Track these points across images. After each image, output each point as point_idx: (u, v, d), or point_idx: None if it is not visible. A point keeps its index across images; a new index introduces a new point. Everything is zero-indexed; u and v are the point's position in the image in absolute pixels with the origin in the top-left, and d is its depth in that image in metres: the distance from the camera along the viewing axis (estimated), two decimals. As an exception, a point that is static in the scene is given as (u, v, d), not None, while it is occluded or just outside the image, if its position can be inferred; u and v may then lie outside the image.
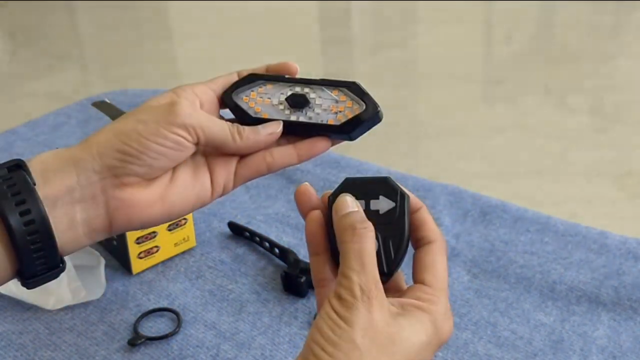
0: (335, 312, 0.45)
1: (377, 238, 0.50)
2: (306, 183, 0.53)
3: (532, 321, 0.74)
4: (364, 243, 0.47)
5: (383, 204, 0.51)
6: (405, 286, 0.52)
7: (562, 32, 3.28)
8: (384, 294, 0.46)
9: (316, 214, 0.51)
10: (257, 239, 0.84)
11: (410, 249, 0.52)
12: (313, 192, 0.52)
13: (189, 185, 0.53)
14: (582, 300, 0.76)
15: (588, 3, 3.43)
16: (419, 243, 0.51)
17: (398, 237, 0.50)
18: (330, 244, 0.50)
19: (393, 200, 0.51)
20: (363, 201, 0.51)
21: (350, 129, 0.55)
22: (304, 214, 0.52)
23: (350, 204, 0.50)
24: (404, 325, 0.46)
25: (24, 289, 0.74)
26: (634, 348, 0.70)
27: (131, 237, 0.78)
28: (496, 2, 3.61)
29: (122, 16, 3.58)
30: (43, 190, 0.48)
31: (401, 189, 0.51)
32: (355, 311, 0.45)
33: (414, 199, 0.52)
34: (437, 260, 0.50)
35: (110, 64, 3.08)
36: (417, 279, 0.50)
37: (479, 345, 0.71)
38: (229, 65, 0.59)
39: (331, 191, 0.52)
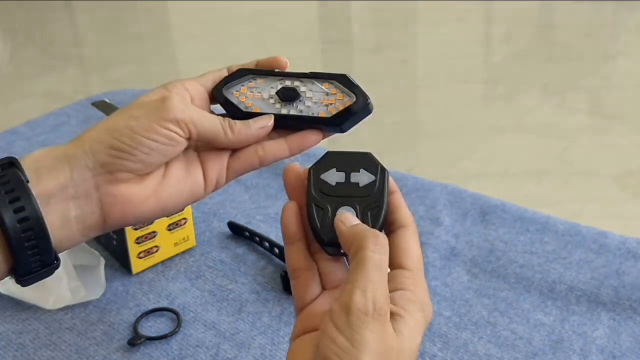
0: (339, 330, 0.42)
1: (355, 209, 0.50)
2: (296, 163, 0.53)
3: (532, 321, 0.74)
4: (385, 256, 0.46)
5: (363, 178, 0.51)
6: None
7: (562, 32, 3.28)
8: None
9: (292, 205, 0.51)
10: (257, 239, 0.84)
11: None
12: (300, 170, 0.52)
13: (182, 180, 0.53)
14: (582, 300, 0.76)
15: (588, 3, 3.43)
16: (392, 227, 0.51)
17: (377, 209, 0.50)
18: (314, 230, 0.50)
19: (373, 174, 0.51)
20: (343, 173, 0.51)
21: (342, 121, 0.55)
22: (289, 191, 0.52)
23: (354, 218, 0.49)
24: (405, 332, 0.45)
25: (24, 288, 0.74)
26: (634, 348, 0.70)
27: (131, 237, 0.78)
28: (496, 2, 3.62)
29: (122, 16, 3.58)
30: (37, 188, 0.48)
31: (382, 165, 0.52)
32: (367, 331, 0.42)
33: (391, 181, 0.52)
34: (412, 244, 0.50)
35: (110, 64, 3.08)
36: (394, 264, 0.49)
37: (479, 345, 0.71)
38: (229, 65, 0.59)
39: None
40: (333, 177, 0.51)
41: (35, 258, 0.48)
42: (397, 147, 2.27)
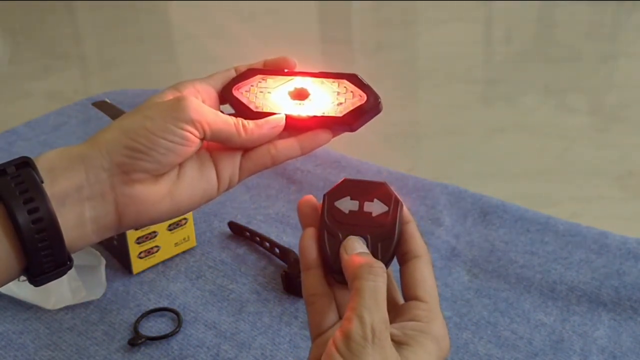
0: (342, 356, 0.44)
1: (366, 239, 0.50)
2: (310, 195, 0.53)
3: (532, 321, 0.74)
4: (380, 282, 0.47)
5: (376, 207, 0.51)
6: (401, 300, 0.52)
7: (562, 32, 3.28)
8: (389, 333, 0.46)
9: (311, 231, 0.51)
10: (258, 238, 0.84)
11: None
12: (315, 202, 0.53)
13: (196, 180, 0.54)
14: (583, 300, 0.76)
15: (588, 3, 3.43)
16: (405, 257, 0.51)
17: (387, 240, 0.50)
18: (323, 256, 0.50)
19: (387, 205, 0.51)
20: (357, 202, 0.51)
21: (352, 120, 0.55)
22: (303, 221, 0.52)
23: (359, 245, 0.50)
24: (411, 358, 0.46)
25: (25, 288, 0.74)
26: (634, 348, 0.70)
27: (131, 237, 0.78)
28: (496, 2, 3.61)
29: (122, 16, 3.58)
30: (51, 189, 0.48)
31: (396, 195, 0.52)
32: (367, 356, 0.43)
33: (405, 211, 0.52)
34: (426, 274, 0.51)
35: (110, 64, 3.08)
36: (409, 295, 0.50)
37: (479, 345, 0.71)
38: (229, 65, 0.59)
39: None
40: (347, 204, 0.52)
41: (48, 259, 0.48)
42: (397, 147, 2.27)
